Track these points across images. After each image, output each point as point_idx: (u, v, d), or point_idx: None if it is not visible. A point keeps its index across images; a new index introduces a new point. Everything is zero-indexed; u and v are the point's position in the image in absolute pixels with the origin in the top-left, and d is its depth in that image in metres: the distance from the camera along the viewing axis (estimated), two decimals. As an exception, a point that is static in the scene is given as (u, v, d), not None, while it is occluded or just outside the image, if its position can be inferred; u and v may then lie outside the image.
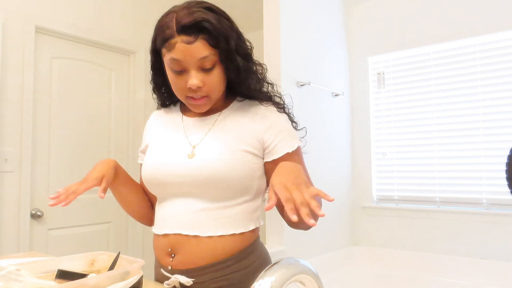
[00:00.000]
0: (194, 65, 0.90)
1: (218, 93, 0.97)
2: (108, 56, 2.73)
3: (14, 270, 0.70)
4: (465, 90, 2.79)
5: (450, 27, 2.83)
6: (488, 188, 2.67)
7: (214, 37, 0.89)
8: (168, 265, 0.97)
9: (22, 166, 2.23)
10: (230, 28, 0.93)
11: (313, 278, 0.49)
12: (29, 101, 2.28)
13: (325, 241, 2.85)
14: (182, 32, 0.89)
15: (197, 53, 0.89)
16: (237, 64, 0.93)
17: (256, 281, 0.44)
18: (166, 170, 0.96)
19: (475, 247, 2.67)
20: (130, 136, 2.82)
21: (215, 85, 0.94)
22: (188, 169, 0.93)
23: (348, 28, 3.31)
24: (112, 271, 0.73)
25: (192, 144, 0.98)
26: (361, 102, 3.25)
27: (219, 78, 0.94)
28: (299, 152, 1.01)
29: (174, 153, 0.98)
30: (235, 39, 0.93)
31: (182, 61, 0.90)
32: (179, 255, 0.95)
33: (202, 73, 0.92)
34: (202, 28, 0.88)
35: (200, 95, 0.94)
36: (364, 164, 3.20)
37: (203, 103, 0.96)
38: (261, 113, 1.00)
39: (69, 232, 2.45)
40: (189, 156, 0.95)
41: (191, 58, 0.89)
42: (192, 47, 0.89)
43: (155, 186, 0.99)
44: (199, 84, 0.91)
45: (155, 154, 1.02)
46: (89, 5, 2.59)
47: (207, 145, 0.96)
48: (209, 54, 0.90)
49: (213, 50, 0.90)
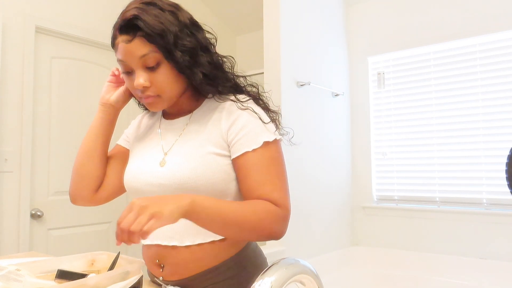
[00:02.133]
0: (137, 65, 0.88)
1: (171, 92, 0.91)
2: (108, 56, 2.73)
3: (14, 270, 0.70)
4: (465, 90, 2.79)
5: (450, 27, 2.83)
6: (488, 188, 2.67)
7: (150, 36, 0.85)
8: (159, 276, 0.95)
9: (22, 166, 2.23)
10: (170, 23, 0.86)
11: (313, 278, 0.49)
12: (29, 101, 2.28)
13: (325, 241, 2.85)
14: (121, 31, 0.88)
15: (136, 52, 0.86)
16: (177, 59, 0.86)
17: (256, 281, 0.44)
18: (140, 178, 0.95)
19: (475, 247, 2.67)
20: (130, 136, 2.82)
21: (164, 83, 0.89)
22: (159, 179, 0.91)
23: (348, 28, 3.31)
24: (112, 271, 0.73)
25: (164, 150, 0.96)
26: (361, 102, 3.25)
27: (167, 76, 0.88)
28: (270, 148, 0.90)
29: (148, 161, 0.97)
30: (174, 34, 0.86)
31: (125, 61, 0.89)
32: (168, 266, 0.93)
33: (148, 72, 0.88)
34: (137, 27, 0.85)
35: (149, 95, 0.90)
36: (364, 164, 3.20)
37: (154, 101, 0.91)
38: (226, 108, 0.94)
39: (69, 232, 2.45)
40: (161, 164, 0.93)
41: (131, 57, 0.87)
42: (130, 46, 0.86)
43: (133, 193, 0.98)
44: (144, 84, 0.88)
45: (133, 160, 1.01)
46: (89, 5, 2.59)
47: (176, 151, 0.94)
48: (149, 52, 0.86)
49: (153, 47, 0.86)
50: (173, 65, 0.88)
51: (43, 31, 2.39)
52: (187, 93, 0.98)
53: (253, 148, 0.89)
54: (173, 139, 0.97)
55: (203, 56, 0.91)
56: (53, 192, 2.40)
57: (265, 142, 0.90)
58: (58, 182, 2.42)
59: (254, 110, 0.93)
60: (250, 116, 0.92)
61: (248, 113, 0.92)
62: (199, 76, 0.89)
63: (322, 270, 2.36)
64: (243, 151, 0.89)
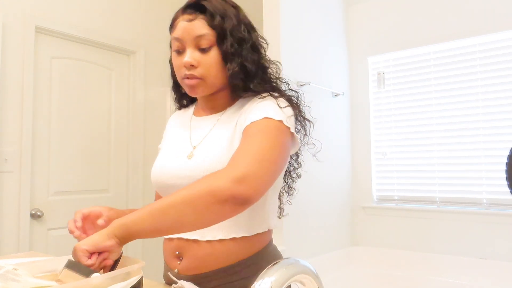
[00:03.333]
0: (191, 43, 0.92)
1: (214, 78, 0.94)
2: (108, 56, 2.73)
3: (11, 270, 0.69)
4: (465, 90, 2.79)
5: (450, 27, 2.83)
6: (488, 188, 2.67)
7: (212, 17, 0.90)
8: (175, 268, 0.96)
9: (22, 166, 2.23)
10: (232, 13, 0.93)
11: (313, 278, 0.49)
12: (29, 101, 2.28)
13: (325, 241, 2.85)
14: (184, 12, 0.93)
15: (194, 31, 0.91)
16: (226, 46, 0.91)
17: (256, 281, 0.44)
18: (167, 171, 0.96)
19: (475, 247, 2.67)
20: (130, 136, 2.82)
21: (210, 66, 0.92)
22: (185, 171, 0.92)
23: (348, 28, 3.31)
24: (114, 271, 0.73)
25: (193, 144, 0.98)
26: (361, 102, 3.25)
27: (214, 61, 0.92)
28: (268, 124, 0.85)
29: (176, 155, 0.98)
30: (233, 23, 0.92)
31: (180, 39, 0.92)
32: (186, 259, 0.94)
33: (198, 52, 0.92)
34: (203, 8, 0.91)
35: (194, 75, 0.92)
36: (364, 164, 3.20)
37: (196, 84, 0.93)
38: (253, 100, 0.95)
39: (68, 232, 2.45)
40: (188, 157, 0.95)
41: (188, 35, 0.91)
42: (190, 25, 0.91)
43: (161, 188, 0.99)
44: (192, 62, 0.91)
45: (162, 157, 1.03)
46: (89, 5, 2.59)
47: (206, 145, 0.95)
48: (206, 34, 0.90)
49: (211, 30, 0.91)
50: (221, 53, 0.92)
51: (43, 31, 2.39)
52: (225, 91, 0.99)
53: (251, 121, 0.87)
54: (203, 134, 0.98)
55: (249, 52, 0.94)
56: (53, 192, 2.40)
57: (265, 118, 0.86)
58: (58, 182, 2.42)
59: (274, 96, 0.93)
60: (267, 100, 0.92)
61: (267, 99, 0.93)
62: (236, 67, 0.92)
63: (322, 270, 2.36)
64: (244, 125, 0.88)
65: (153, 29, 2.92)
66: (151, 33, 2.91)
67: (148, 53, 2.88)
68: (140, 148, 2.83)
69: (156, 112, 2.94)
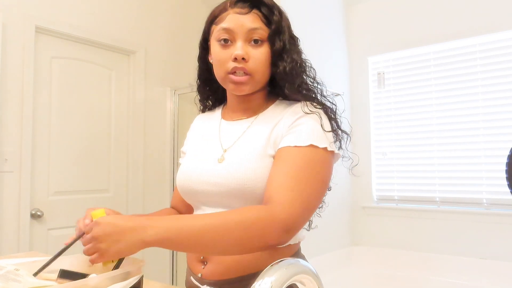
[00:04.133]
0: (242, 36, 0.88)
1: (262, 75, 0.90)
2: (108, 56, 2.73)
3: (12, 270, 0.69)
4: (465, 90, 2.79)
5: (450, 27, 2.83)
6: (488, 188, 2.67)
7: (271, 12, 0.89)
8: (198, 273, 0.92)
9: (22, 166, 2.23)
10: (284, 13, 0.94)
11: (313, 278, 0.49)
12: (29, 101, 2.28)
13: (325, 241, 2.85)
14: (236, 6, 0.90)
15: (248, 24, 0.88)
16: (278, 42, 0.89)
17: (256, 281, 0.44)
18: (196, 176, 0.92)
19: (475, 247, 2.67)
20: (130, 136, 2.82)
21: (260, 62, 0.88)
22: (216, 177, 0.88)
23: (348, 28, 3.31)
24: (112, 271, 0.73)
25: (224, 147, 0.93)
26: (361, 102, 3.25)
27: (265, 57, 0.89)
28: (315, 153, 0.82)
29: (205, 159, 0.94)
30: (288, 22, 0.92)
31: (231, 30, 0.89)
32: (211, 264, 0.90)
33: (250, 47, 0.89)
34: (257, 3, 0.89)
35: (243, 71, 0.88)
36: (364, 164, 3.20)
37: (244, 81, 0.88)
38: (292, 109, 0.90)
39: (69, 232, 2.45)
40: (219, 160, 0.90)
41: (241, 27, 0.88)
42: (244, 17, 0.89)
43: (187, 194, 0.95)
44: (244, 55, 0.87)
45: (189, 160, 0.98)
46: (89, 5, 2.59)
47: (238, 149, 0.90)
48: (260, 27, 0.88)
49: (264, 25, 0.89)
50: (271, 50, 0.89)
51: (43, 31, 2.39)
52: (262, 93, 0.96)
53: (295, 144, 0.83)
54: (234, 138, 0.93)
55: (297, 52, 0.93)
56: (53, 192, 2.40)
57: (312, 145, 0.82)
58: (58, 182, 2.42)
59: (320, 116, 0.87)
60: (312, 120, 0.86)
61: (312, 117, 0.86)
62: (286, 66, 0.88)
63: (322, 270, 2.36)
64: (286, 145, 0.84)
65: (153, 29, 2.92)
66: (151, 33, 2.91)
67: (148, 53, 2.88)
68: (140, 148, 2.83)
69: (156, 112, 2.94)
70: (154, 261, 2.79)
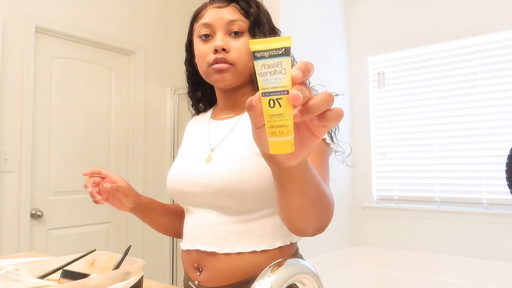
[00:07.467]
0: (222, 28, 0.90)
1: (244, 66, 0.90)
2: (108, 56, 2.73)
3: (13, 270, 0.69)
4: (465, 90, 2.79)
5: (450, 27, 2.83)
6: (488, 188, 2.67)
7: (246, 6, 0.91)
8: (195, 280, 0.92)
9: (22, 166, 2.23)
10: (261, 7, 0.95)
11: (313, 278, 0.49)
12: (29, 101, 2.28)
13: (325, 241, 2.85)
14: (214, 2, 0.93)
15: (227, 16, 0.90)
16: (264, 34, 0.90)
17: (256, 281, 0.44)
18: (184, 178, 0.92)
19: (475, 247, 2.67)
20: (130, 136, 2.82)
21: (242, 52, 0.89)
22: (203, 178, 0.87)
23: (348, 28, 3.31)
24: (113, 271, 0.73)
25: (211, 146, 0.93)
26: (361, 102, 3.25)
27: (246, 47, 0.90)
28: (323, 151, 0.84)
29: (193, 159, 0.93)
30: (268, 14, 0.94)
31: (210, 24, 0.90)
32: (205, 271, 0.90)
33: (230, 38, 0.90)
34: None
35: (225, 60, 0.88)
36: (364, 164, 3.20)
37: (225, 68, 0.88)
38: None
39: (69, 232, 2.45)
40: (206, 160, 0.90)
41: (219, 20, 0.90)
42: (222, 10, 0.91)
43: (176, 195, 0.95)
44: (224, 46, 0.88)
45: (177, 160, 0.99)
46: (89, 5, 2.59)
47: (225, 147, 0.90)
48: (238, 19, 0.90)
49: (243, 17, 0.91)
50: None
51: (43, 31, 2.39)
52: (248, 88, 0.96)
53: None
54: (221, 136, 0.93)
55: None
56: (53, 192, 2.40)
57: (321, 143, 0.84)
58: (58, 182, 2.42)
59: None
60: None
61: None
62: None
63: (322, 270, 2.36)
64: None
65: (153, 29, 2.92)
66: (151, 33, 2.91)
67: (148, 53, 2.88)
68: (140, 148, 2.83)
69: (156, 112, 2.94)
70: (154, 261, 2.79)
